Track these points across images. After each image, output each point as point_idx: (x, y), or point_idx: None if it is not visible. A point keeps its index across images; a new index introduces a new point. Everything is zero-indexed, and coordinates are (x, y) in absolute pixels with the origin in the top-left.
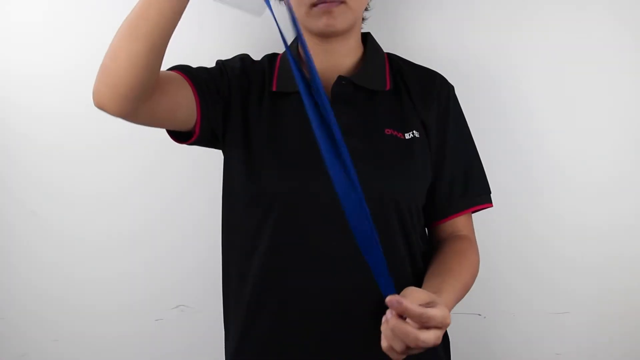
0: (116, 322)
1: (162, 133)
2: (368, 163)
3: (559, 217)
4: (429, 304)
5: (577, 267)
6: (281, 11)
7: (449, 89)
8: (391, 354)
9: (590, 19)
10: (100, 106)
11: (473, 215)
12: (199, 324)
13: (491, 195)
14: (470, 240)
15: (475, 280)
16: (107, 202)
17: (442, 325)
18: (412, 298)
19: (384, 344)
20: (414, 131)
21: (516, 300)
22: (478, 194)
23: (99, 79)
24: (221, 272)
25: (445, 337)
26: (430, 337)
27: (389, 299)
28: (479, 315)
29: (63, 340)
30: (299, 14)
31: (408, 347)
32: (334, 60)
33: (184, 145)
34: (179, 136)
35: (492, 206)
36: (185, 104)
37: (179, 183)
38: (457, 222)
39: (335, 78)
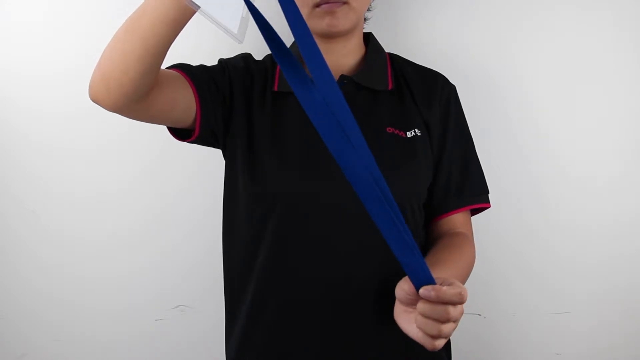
0: (116, 322)
1: (162, 134)
2: None
3: (559, 216)
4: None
5: (577, 267)
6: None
7: (451, 89)
8: (427, 343)
9: (591, 19)
10: (94, 100)
11: (474, 217)
12: (199, 324)
13: (489, 195)
14: (466, 236)
15: (475, 281)
16: (107, 202)
17: (464, 300)
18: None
19: (417, 334)
20: (416, 130)
21: (516, 300)
22: (475, 193)
23: (94, 73)
24: (222, 272)
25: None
26: (458, 311)
27: (425, 292)
28: (479, 315)
29: (63, 340)
30: (302, 14)
31: (441, 329)
32: (336, 60)
33: (185, 146)
34: (180, 134)
35: (489, 206)
36: (182, 103)
37: (179, 183)
38: (454, 220)
39: (337, 78)
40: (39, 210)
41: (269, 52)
